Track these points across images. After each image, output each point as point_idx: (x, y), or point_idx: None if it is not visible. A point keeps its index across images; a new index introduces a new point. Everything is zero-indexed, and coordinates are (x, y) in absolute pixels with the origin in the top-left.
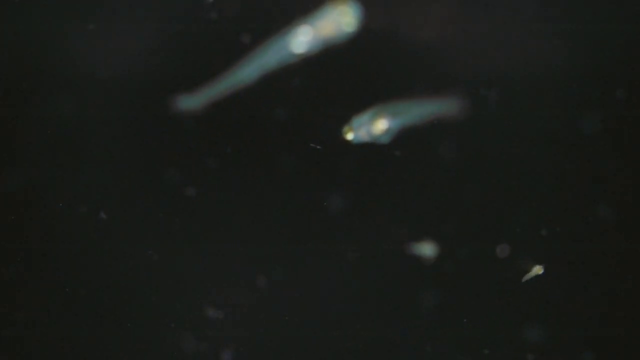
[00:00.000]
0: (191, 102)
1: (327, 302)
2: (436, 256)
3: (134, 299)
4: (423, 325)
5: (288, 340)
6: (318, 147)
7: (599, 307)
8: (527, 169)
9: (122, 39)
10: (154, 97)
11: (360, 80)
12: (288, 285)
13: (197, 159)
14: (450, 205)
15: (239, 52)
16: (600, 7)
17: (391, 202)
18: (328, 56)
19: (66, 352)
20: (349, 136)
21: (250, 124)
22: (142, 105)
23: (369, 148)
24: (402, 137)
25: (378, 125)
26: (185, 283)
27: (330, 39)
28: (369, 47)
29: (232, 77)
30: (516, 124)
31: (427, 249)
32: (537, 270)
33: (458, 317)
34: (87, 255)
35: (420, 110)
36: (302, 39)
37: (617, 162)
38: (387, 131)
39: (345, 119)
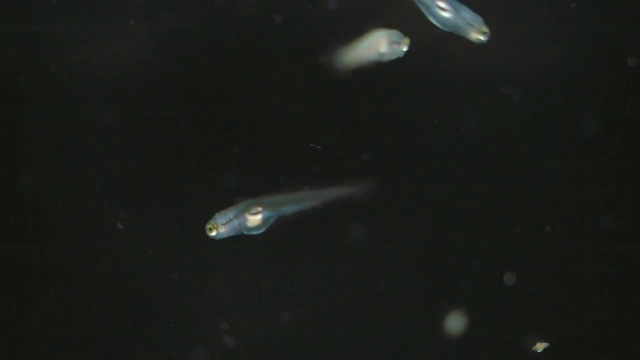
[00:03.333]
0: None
1: (332, 305)
2: (440, 258)
3: (133, 297)
4: (425, 327)
5: (293, 343)
6: (318, 146)
7: (601, 307)
8: (529, 169)
9: (126, 39)
10: (160, 99)
11: (361, 81)
12: (289, 286)
13: (202, 161)
14: (451, 205)
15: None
16: (601, 7)
17: (393, 203)
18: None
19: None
20: (213, 234)
21: (254, 124)
22: (147, 106)
23: (371, 148)
24: (404, 137)
25: (250, 220)
26: (185, 284)
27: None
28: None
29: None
30: (517, 124)
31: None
32: (539, 347)
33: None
34: (89, 258)
35: (301, 201)
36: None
37: (619, 162)
38: (264, 223)
39: (346, 118)
